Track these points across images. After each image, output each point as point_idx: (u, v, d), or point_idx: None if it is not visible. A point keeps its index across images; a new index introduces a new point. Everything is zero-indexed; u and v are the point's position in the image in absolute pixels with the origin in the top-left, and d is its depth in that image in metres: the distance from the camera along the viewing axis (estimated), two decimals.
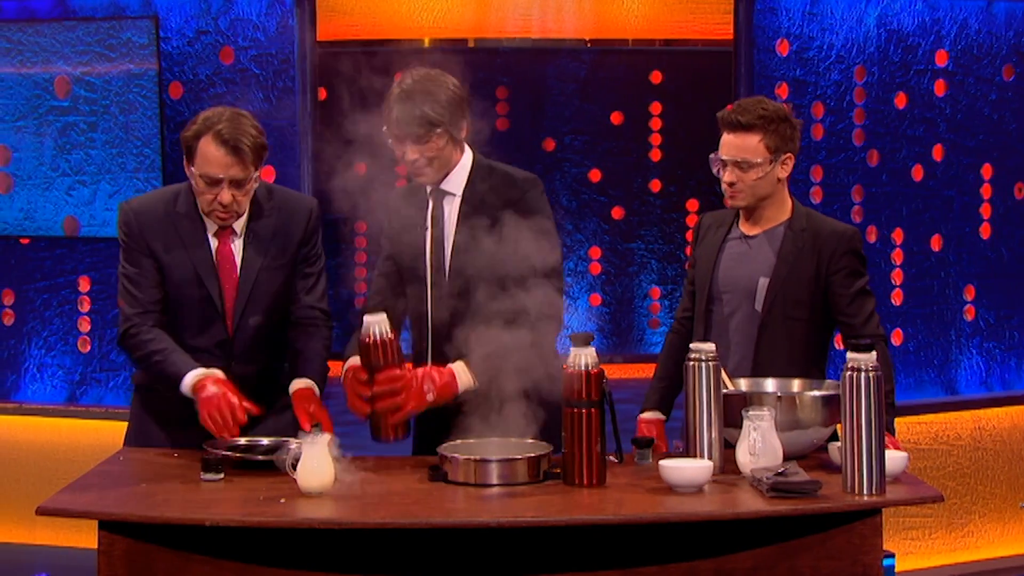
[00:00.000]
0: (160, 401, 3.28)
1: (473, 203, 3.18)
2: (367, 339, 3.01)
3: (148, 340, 3.22)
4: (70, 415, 5.19)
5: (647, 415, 3.45)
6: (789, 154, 3.30)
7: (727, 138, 3.29)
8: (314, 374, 3.28)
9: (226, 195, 3.15)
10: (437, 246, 3.22)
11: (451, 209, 3.21)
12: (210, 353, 3.26)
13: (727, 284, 3.35)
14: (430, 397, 3.04)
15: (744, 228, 3.38)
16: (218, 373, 3.16)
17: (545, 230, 3.11)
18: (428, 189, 3.24)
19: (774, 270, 3.29)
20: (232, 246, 3.28)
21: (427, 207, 3.24)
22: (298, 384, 3.26)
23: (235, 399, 3.09)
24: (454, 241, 3.19)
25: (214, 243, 3.27)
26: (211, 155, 3.13)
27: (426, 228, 3.23)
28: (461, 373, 3.07)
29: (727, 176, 3.28)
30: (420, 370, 3.07)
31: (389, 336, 3.01)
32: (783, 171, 3.31)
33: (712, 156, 3.32)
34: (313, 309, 3.35)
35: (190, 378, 3.13)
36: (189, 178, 3.22)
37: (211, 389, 3.09)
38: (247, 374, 3.26)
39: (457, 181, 3.22)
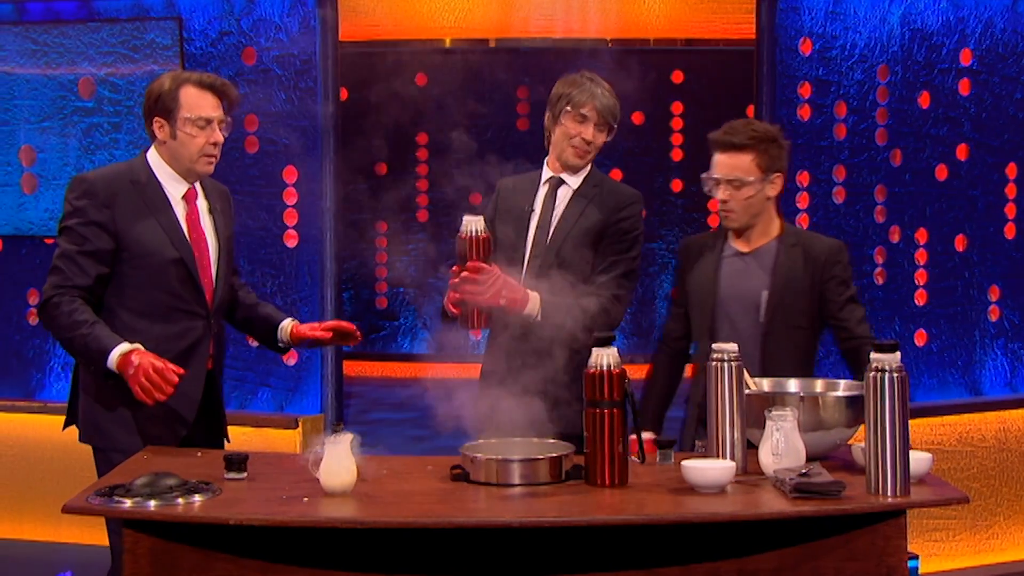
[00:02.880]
0: (115, 397, 3.26)
1: (584, 198, 3.55)
2: (463, 236, 3.31)
3: (73, 310, 3.22)
4: None
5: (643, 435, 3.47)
6: (779, 173, 3.49)
7: (720, 158, 3.50)
8: (284, 316, 3.59)
9: (219, 134, 3.35)
10: (543, 225, 3.56)
11: (563, 197, 3.58)
12: (194, 313, 3.35)
13: (731, 298, 3.53)
14: (502, 302, 3.32)
15: (737, 246, 3.57)
16: (140, 347, 3.18)
17: (633, 244, 3.56)
18: (544, 176, 3.62)
19: (772, 283, 3.48)
20: (199, 208, 3.41)
21: (533, 194, 3.61)
22: (289, 321, 3.56)
23: (160, 363, 3.13)
24: (558, 223, 3.55)
25: (182, 207, 3.38)
26: (200, 99, 3.34)
27: (532, 210, 3.58)
28: (534, 300, 3.39)
29: (721, 194, 3.49)
30: (504, 276, 3.32)
31: (483, 235, 3.31)
32: (773, 190, 3.50)
33: (704, 176, 3.52)
34: (237, 275, 3.66)
35: (116, 353, 3.16)
36: (162, 139, 3.35)
37: (135, 360, 3.13)
38: (219, 331, 3.46)
39: (577, 177, 3.60)
